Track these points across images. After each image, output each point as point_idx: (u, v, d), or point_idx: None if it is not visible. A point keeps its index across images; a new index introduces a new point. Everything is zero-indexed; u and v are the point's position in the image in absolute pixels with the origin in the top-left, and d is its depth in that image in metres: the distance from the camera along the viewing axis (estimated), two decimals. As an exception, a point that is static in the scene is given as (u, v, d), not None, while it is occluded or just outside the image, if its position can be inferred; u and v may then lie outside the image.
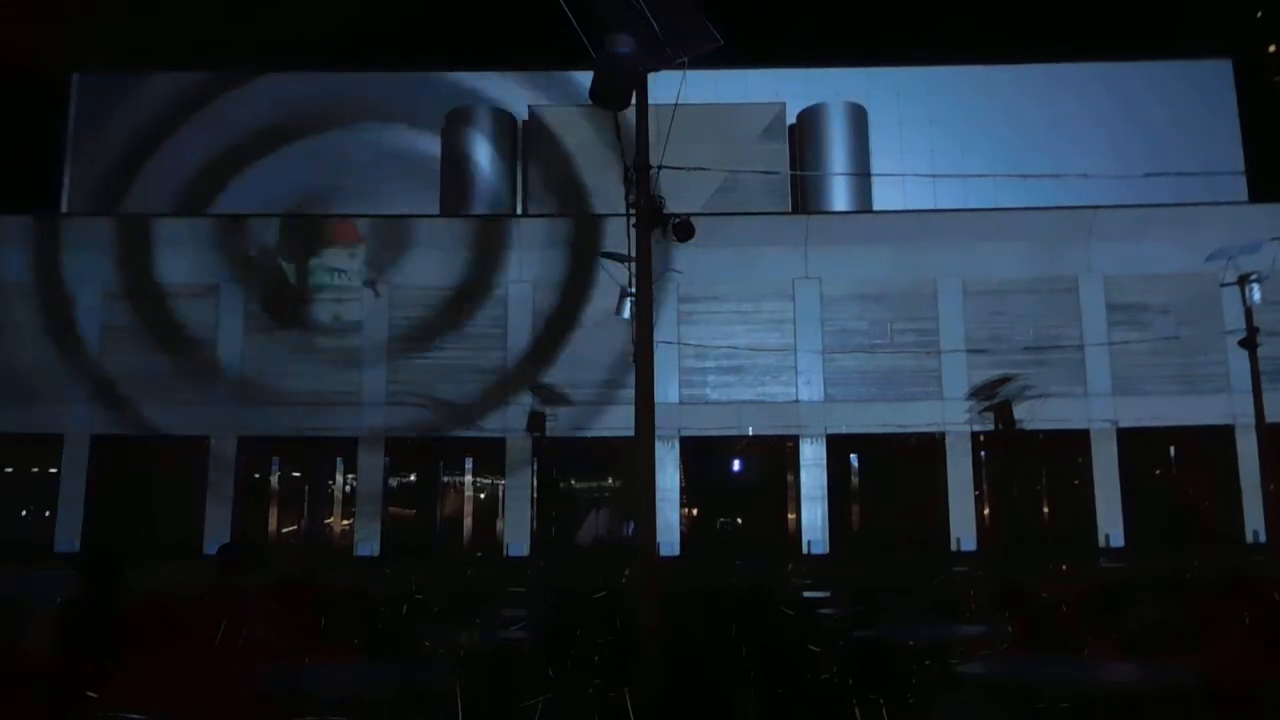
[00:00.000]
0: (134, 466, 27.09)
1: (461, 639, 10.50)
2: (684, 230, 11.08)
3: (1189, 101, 33.70)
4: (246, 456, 27.13)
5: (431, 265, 27.29)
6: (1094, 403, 26.75)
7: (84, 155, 34.07)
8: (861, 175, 31.86)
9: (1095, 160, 28.55)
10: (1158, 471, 28.75)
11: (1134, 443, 26.62)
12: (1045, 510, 28.76)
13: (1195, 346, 26.47)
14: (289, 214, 29.08)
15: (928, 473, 26.88)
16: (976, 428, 26.58)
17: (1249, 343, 19.96)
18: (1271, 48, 46.56)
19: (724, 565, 18.97)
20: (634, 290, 12.16)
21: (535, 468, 27.33)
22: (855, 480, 28.64)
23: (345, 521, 28.64)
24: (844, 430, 26.94)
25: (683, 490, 27.32)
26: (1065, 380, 26.80)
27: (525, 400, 26.49)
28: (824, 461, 26.72)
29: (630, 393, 10.31)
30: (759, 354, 26.74)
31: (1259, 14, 46.81)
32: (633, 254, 10.88)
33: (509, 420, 26.59)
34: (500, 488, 27.86)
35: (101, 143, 33.71)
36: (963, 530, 26.18)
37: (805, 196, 32.49)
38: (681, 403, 26.70)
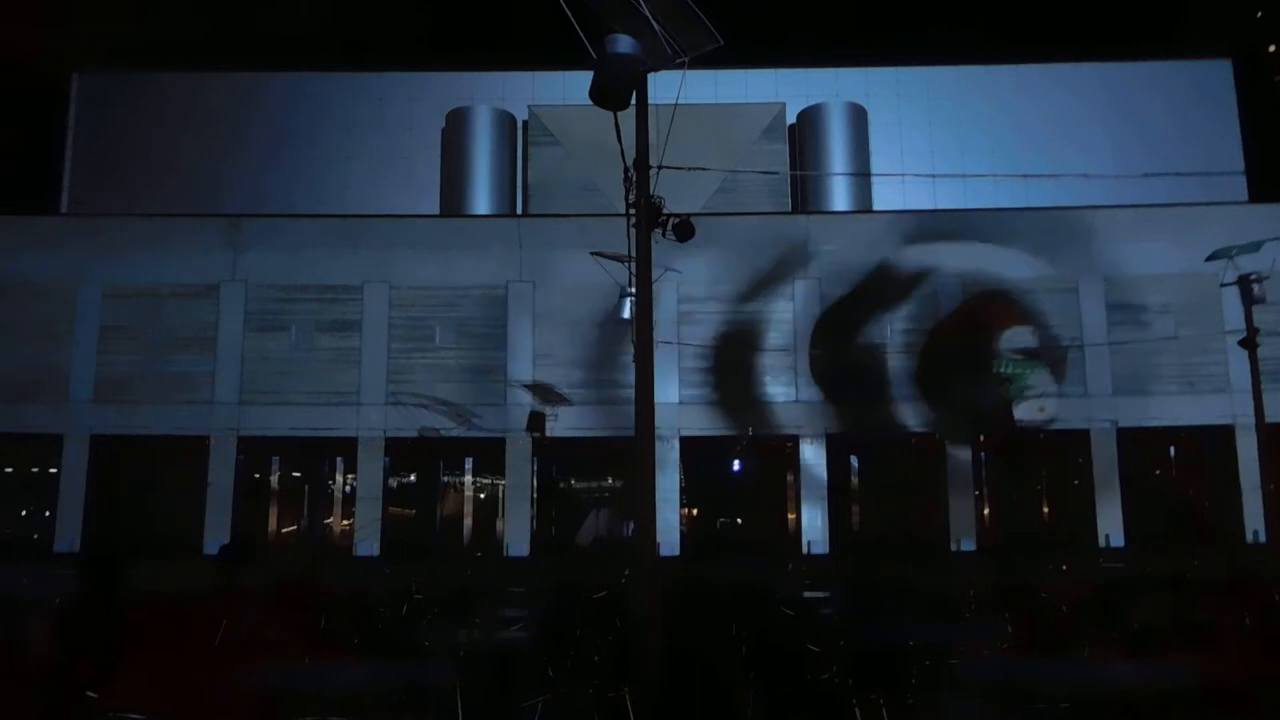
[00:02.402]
0: (134, 466, 27.08)
1: (461, 639, 10.50)
2: (684, 230, 11.07)
3: (1189, 101, 33.70)
4: (246, 456, 27.13)
5: (431, 265, 27.28)
6: (1094, 403, 26.75)
7: (84, 155, 34.09)
8: (861, 175, 31.86)
9: (1095, 160, 28.62)
10: (1158, 471, 28.75)
11: (1134, 443, 26.61)
12: (1045, 510, 28.77)
13: (1195, 346, 26.47)
14: (286, 214, 29.13)
15: (928, 473, 26.87)
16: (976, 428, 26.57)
17: (1249, 343, 19.94)
18: (1271, 48, 46.54)
19: (724, 565, 18.96)
20: (634, 290, 12.15)
21: (535, 468, 27.33)
22: (855, 480, 28.65)
23: (345, 521, 28.64)
24: (844, 430, 26.90)
25: (683, 490, 27.30)
26: (1065, 380, 26.78)
27: (525, 400, 26.49)
28: (824, 461, 26.70)
29: (630, 392, 10.31)
30: (759, 354, 26.72)
31: (1259, 14, 46.80)
32: (633, 254, 10.87)
33: (509, 420, 26.59)
34: (500, 488, 27.85)
35: (101, 143, 33.75)
36: (963, 530, 26.17)
37: (805, 196, 32.50)
38: (681, 403, 26.70)
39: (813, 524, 26.41)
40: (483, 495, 29.49)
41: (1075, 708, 8.07)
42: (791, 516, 27.57)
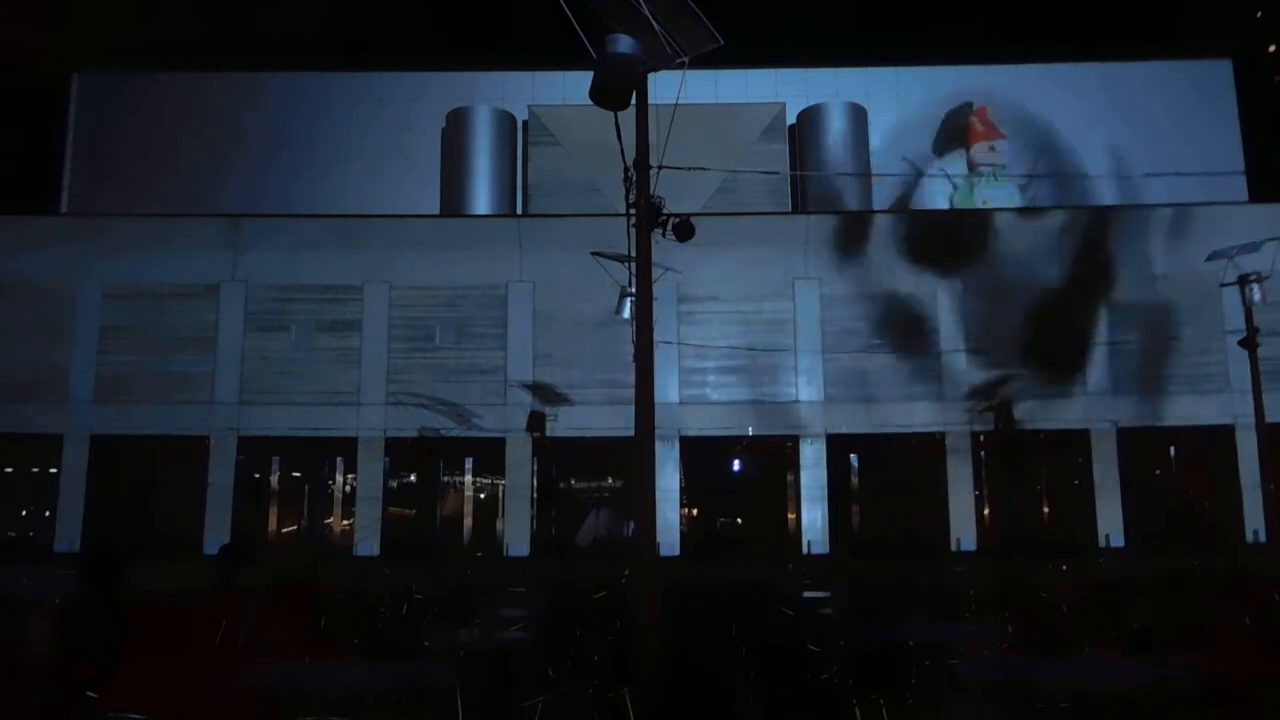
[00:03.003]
0: (134, 466, 27.08)
1: (461, 639, 10.51)
2: (684, 230, 11.07)
3: (1189, 101, 33.69)
4: (246, 456, 27.12)
5: (431, 265, 27.28)
6: (1094, 403, 26.75)
7: (84, 155, 34.08)
8: (861, 175, 31.85)
9: (1095, 160, 28.61)
10: (1158, 471, 28.75)
11: (1134, 443, 26.61)
12: (1045, 510, 28.77)
13: (1195, 346, 26.47)
14: (286, 214, 29.13)
15: (928, 473, 26.87)
16: (976, 428, 26.57)
17: (1249, 343, 19.95)
18: (1271, 48, 46.54)
19: (724, 565, 18.98)
20: (634, 290, 12.15)
21: (535, 468, 27.33)
22: (855, 480, 28.65)
23: (345, 521, 28.64)
24: (844, 430, 26.92)
25: (683, 490, 27.30)
26: (1065, 380, 26.77)
27: (525, 400, 26.50)
28: (824, 461, 26.70)
29: (630, 392, 10.31)
30: (759, 354, 26.74)
31: (1259, 14, 46.80)
32: (633, 254, 10.87)
33: (509, 420, 26.59)
34: (500, 488, 27.86)
35: (101, 143, 33.74)
36: (963, 530, 26.17)
37: (805, 196, 32.49)
38: (681, 403, 26.70)
39: (813, 524, 26.42)
40: (483, 495, 29.49)
41: (1075, 708, 8.08)
42: (791, 516, 27.58)
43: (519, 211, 31.98)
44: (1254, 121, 34.60)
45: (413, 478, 29.47)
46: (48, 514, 26.59)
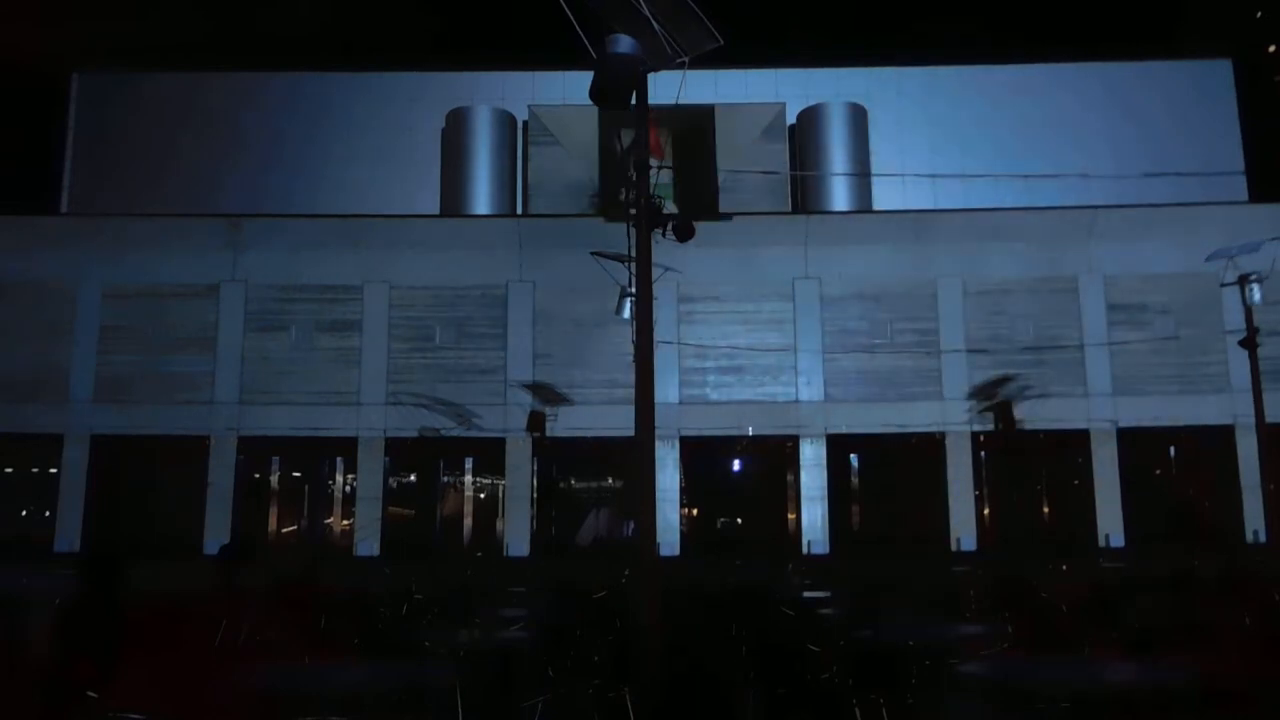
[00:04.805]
0: (134, 466, 27.08)
1: (461, 639, 10.51)
2: (684, 230, 11.06)
3: (1189, 101, 33.68)
4: (246, 456, 27.13)
5: (431, 265, 27.28)
6: (1094, 403, 26.75)
7: (84, 155, 34.08)
8: (861, 175, 31.85)
9: (1095, 160, 28.62)
10: (1158, 471, 28.75)
11: (1134, 443, 26.62)
12: (1045, 510, 28.77)
13: (1195, 346, 26.47)
14: (286, 214, 29.12)
15: (928, 473, 26.87)
16: (976, 428, 26.58)
17: (1249, 343, 19.95)
18: (1271, 48, 46.58)
19: (725, 565, 18.97)
20: (634, 290, 12.15)
21: (535, 468, 27.33)
22: (855, 480, 28.65)
23: (345, 521, 28.64)
24: (844, 430, 26.93)
25: (683, 490, 27.31)
26: (1065, 380, 26.80)
27: (525, 400, 26.49)
28: (824, 461, 26.70)
29: (630, 392, 10.31)
30: (759, 354, 26.74)
31: (1259, 14, 46.84)
32: (633, 254, 10.87)
33: (509, 420, 26.58)
34: (500, 488, 27.86)
35: (101, 143, 33.74)
36: (963, 530, 26.18)
37: (805, 196, 32.48)
38: (681, 403, 26.70)
39: (813, 524, 26.42)
40: (483, 495, 29.48)
41: (1075, 708, 8.08)
42: (791, 516, 27.58)
43: (519, 211, 31.97)
44: (1254, 121, 34.61)
45: (413, 478, 29.47)
46: (48, 514, 26.59)
